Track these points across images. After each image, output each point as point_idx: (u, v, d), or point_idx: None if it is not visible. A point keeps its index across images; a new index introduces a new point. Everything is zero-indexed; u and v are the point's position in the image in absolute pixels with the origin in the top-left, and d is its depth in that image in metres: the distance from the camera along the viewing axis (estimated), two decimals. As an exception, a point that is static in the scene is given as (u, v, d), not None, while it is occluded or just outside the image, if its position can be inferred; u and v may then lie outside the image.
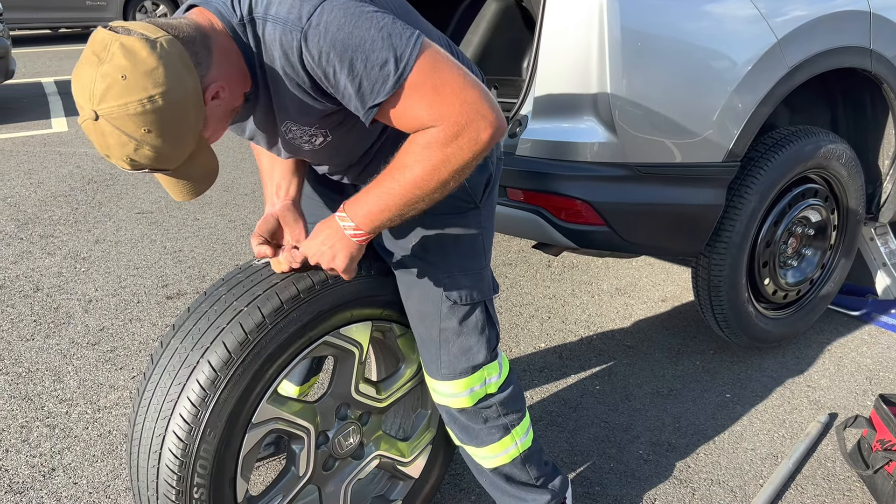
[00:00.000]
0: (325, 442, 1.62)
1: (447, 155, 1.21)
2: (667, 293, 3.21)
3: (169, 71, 1.09)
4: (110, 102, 1.08)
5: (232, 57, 1.22)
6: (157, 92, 1.08)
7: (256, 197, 4.44)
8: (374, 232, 1.33)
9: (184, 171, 1.23)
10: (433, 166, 1.22)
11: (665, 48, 2.07)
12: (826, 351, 2.75)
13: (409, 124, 1.22)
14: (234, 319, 1.39)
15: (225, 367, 1.36)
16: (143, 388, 1.43)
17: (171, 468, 1.36)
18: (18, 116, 6.42)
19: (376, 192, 1.28)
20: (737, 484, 2.07)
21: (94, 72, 1.08)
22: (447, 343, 1.56)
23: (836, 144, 2.52)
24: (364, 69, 1.17)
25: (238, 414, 1.40)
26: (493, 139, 1.21)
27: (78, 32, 12.55)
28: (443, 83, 1.19)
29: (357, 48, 1.16)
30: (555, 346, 2.79)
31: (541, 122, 2.11)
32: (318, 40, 1.16)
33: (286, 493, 1.58)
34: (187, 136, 1.16)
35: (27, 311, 3.01)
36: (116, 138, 1.10)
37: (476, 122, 1.19)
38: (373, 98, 1.19)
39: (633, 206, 2.12)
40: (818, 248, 2.71)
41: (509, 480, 1.72)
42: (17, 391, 2.47)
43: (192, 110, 1.15)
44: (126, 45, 1.08)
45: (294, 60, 1.19)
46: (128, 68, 1.07)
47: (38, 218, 4.05)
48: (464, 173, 1.25)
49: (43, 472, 2.10)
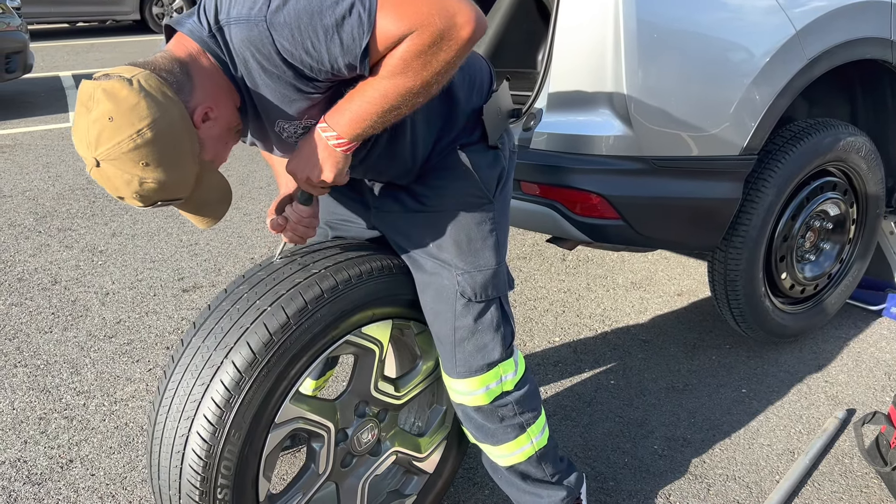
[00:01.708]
0: (344, 439, 1.62)
1: (428, 59, 1.19)
2: (683, 287, 3.19)
3: (150, 103, 1.14)
4: (105, 145, 1.13)
5: (213, 75, 1.24)
6: (143, 125, 1.13)
7: (272, 190, 4.46)
8: (356, 139, 1.29)
9: (197, 198, 1.26)
10: (414, 72, 1.20)
11: (681, 40, 2.05)
12: (844, 346, 2.72)
13: (395, 43, 1.20)
14: (258, 319, 1.37)
15: (250, 368, 1.35)
16: (165, 387, 1.42)
17: (194, 469, 1.35)
18: (37, 110, 6.47)
19: (358, 100, 1.25)
20: (753, 480, 2.05)
21: (86, 120, 1.14)
22: (462, 341, 1.55)
23: (856, 137, 2.49)
24: (336, 25, 1.16)
25: (262, 414, 1.39)
26: (474, 36, 1.19)
27: (95, 26, 12.62)
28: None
29: (321, 10, 1.16)
30: (569, 340, 2.78)
31: (555, 115, 2.09)
32: (284, 19, 1.16)
33: (306, 490, 1.58)
34: (185, 161, 1.20)
35: (45, 304, 3.04)
36: (121, 178, 1.16)
37: (454, 20, 1.17)
38: (357, 46, 1.18)
39: (649, 199, 2.10)
40: (836, 242, 2.68)
41: (525, 478, 1.72)
42: (35, 383, 2.50)
43: (184, 135, 1.19)
44: (107, 88, 1.13)
45: (269, 52, 1.19)
46: (113, 110, 1.12)
47: (57, 211, 4.09)
48: (447, 74, 1.23)
49: (61, 463, 2.12)
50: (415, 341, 1.70)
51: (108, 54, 9.69)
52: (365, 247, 1.58)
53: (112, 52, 9.83)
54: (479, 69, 1.53)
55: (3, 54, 6.04)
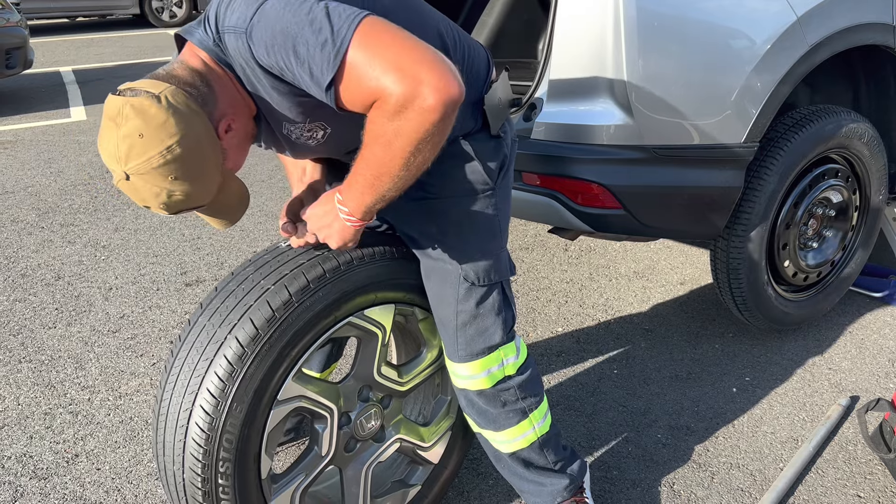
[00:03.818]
0: (348, 423, 1.63)
1: (396, 129, 1.16)
2: (685, 276, 3.19)
3: (178, 118, 1.17)
4: (135, 160, 1.17)
5: (229, 85, 1.28)
6: (173, 141, 1.17)
7: (273, 184, 4.46)
8: (365, 217, 1.33)
9: (218, 203, 1.31)
10: (387, 142, 1.18)
11: (682, 27, 2.04)
12: (847, 333, 2.72)
13: (361, 99, 1.19)
14: (262, 297, 1.41)
15: (252, 343, 1.38)
16: (171, 365, 1.46)
17: (197, 442, 1.39)
18: (37, 106, 6.47)
19: (356, 176, 1.27)
20: (756, 468, 2.06)
21: (115, 136, 1.17)
22: (465, 325, 1.57)
23: (858, 123, 2.47)
24: (307, 53, 1.16)
25: (264, 390, 1.42)
26: (443, 106, 1.14)
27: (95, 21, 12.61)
28: (382, 52, 1.15)
29: (297, 34, 1.16)
30: (572, 330, 2.78)
31: (556, 104, 2.08)
32: (261, 35, 1.18)
33: (308, 472, 1.60)
34: (212, 173, 1.24)
35: (49, 300, 3.04)
36: (149, 191, 1.20)
37: (418, 89, 1.13)
38: (324, 78, 1.17)
39: (651, 188, 2.10)
40: (839, 229, 2.67)
41: (527, 465, 1.72)
42: (40, 378, 2.51)
43: (210, 148, 1.23)
44: (135, 105, 1.16)
45: (253, 64, 1.23)
46: (142, 126, 1.16)
47: (59, 207, 4.09)
48: (427, 147, 1.19)
49: (66, 458, 2.13)
50: (418, 328, 1.71)
51: (107, 49, 9.68)
52: (369, 233, 1.60)
53: (112, 47, 9.82)
54: (477, 58, 1.53)
55: (4, 50, 6.04)
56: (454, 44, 1.45)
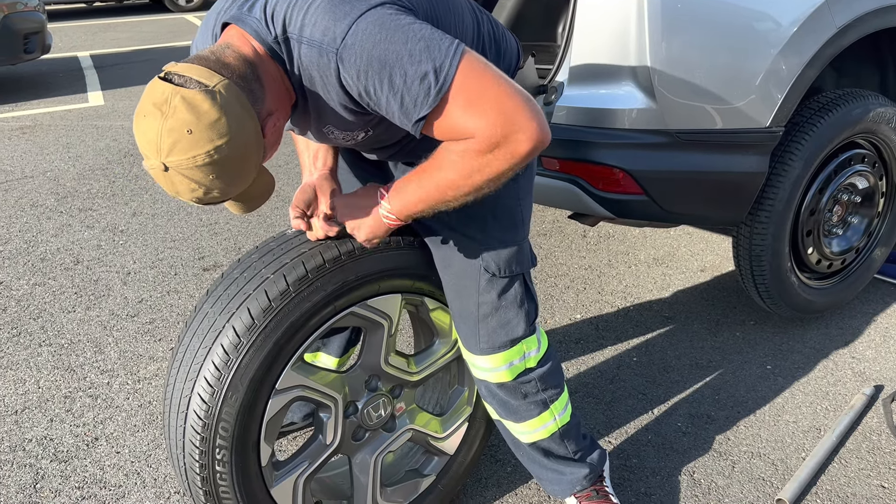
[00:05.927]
0: (355, 412, 1.62)
1: (482, 164, 1.19)
2: (706, 263, 3.15)
3: (231, 119, 1.11)
4: (178, 156, 1.09)
5: (277, 80, 1.23)
6: (222, 142, 1.10)
7: (290, 168, 4.45)
8: (406, 220, 1.35)
9: (247, 194, 1.26)
10: (468, 173, 1.20)
11: (706, 10, 2.00)
12: (872, 321, 2.68)
13: (451, 134, 1.20)
14: (260, 286, 1.41)
15: (248, 332, 1.38)
16: (176, 351, 1.48)
17: (195, 428, 1.40)
18: (55, 91, 6.50)
19: (414, 184, 1.28)
20: (778, 457, 2.03)
21: (160, 126, 1.09)
22: (486, 317, 1.54)
23: (886, 108, 2.42)
24: (404, 84, 1.14)
25: (261, 379, 1.42)
26: (532, 153, 1.18)
27: (112, 6, 12.63)
28: (483, 93, 1.15)
29: (395, 63, 1.13)
30: (591, 317, 2.76)
31: (577, 88, 2.05)
32: (355, 60, 1.14)
33: (312, 459, 1.60)
34: (251, 171, 1.19)
35: (68, 284, 3.06)
36: (186, 185, 1.13)
37: (514, 135, 1.15)
38: (417, 112, 1.16)
39: (673, 173, 2.06)
40: (865, 215, 2.63)
41: (547, 454, 1.71)
42: (60, 362, 2.52)
43: (255, 148, 1.17)
44: (187, 98, 1.08)
45: (333, 82, 1.19)
46: (192, 122, 1.08)
47: (77, 191, 4.11)
48: (498, 182, 1.23)
49: (86, 441, 2.15)
50: (430, 318, 1.69)
51: (124, 34, 9.70)
52: None
53: (129, 32, 9.84)
54: (509, 50, 1.50)
55: (22, 35, 6.06)
56: (490, 38, 1.44)
